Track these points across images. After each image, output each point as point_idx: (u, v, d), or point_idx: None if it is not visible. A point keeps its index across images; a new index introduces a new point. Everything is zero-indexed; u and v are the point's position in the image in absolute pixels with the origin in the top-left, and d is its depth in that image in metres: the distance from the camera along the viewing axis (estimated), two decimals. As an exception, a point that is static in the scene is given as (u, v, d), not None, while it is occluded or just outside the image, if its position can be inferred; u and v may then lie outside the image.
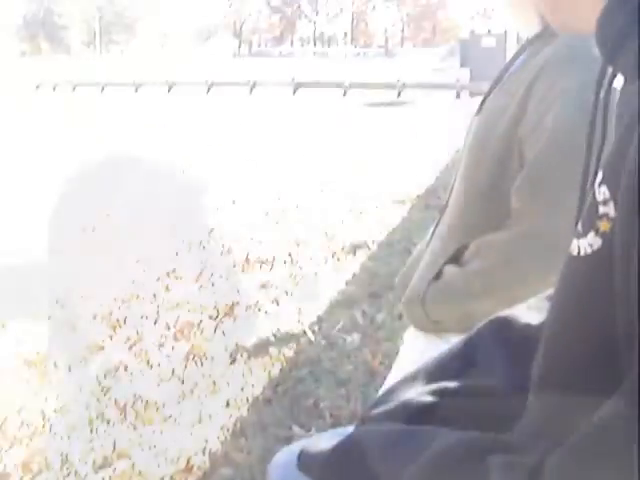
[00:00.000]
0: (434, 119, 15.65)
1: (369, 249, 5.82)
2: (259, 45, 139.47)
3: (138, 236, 6.30)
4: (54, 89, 29.68)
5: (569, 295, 0.65)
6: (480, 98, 1.64)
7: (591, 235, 0.60)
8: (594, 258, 0.60)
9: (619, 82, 0.70)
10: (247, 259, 5.60)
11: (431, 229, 1.75)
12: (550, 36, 1.45)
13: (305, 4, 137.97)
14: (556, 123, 1.35)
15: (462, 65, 37.33)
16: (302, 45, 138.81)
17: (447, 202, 1.68)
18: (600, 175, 0.60)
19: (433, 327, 1.57)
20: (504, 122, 1.45)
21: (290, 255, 5.65)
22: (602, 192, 0.58)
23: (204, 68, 42.40)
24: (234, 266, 5.45)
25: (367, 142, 12.27)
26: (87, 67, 41.97)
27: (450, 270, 1.52)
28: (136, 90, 27.53)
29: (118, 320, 4.47)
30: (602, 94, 0.79)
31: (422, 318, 1.58)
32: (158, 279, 5.19)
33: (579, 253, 0.62)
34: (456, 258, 1.54)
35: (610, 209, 0.57)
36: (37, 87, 29.64)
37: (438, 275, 1.54)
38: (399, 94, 23.31)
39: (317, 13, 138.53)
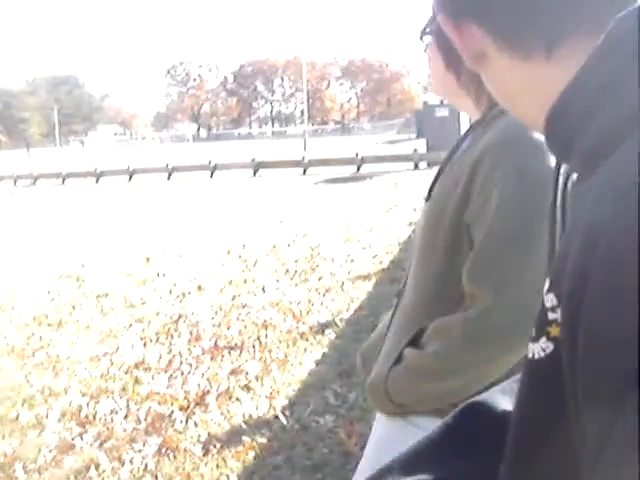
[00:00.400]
0: (393, 191, 15.86)
1: (337, 327, 5.83)
2: (217, 128, 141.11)
3: (105, 327, 6.27)
4: (15, 183, 29.70)
5: (528, 397, 0.65)
6: (437, 168, 1.69)
7: (543, 340, 0.60)
8: (548, 362, 0.60)
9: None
10: (216, 345, 5.58)
11: (389, 313, 1.78)
12: (491, 120, 1.51)
13: (260, 85, 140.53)
14: (499, 205, 1.39)
15: (418, 136, 38.18)
16: (260, 126, 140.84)
17: (404, 286, 1.72)
18: (547, 282, 0.60)
19: (398, 411, 1.59)
20: (451, 208, 1.49)
21: (258, 339, 5.64)
22: (550, 299, 0.59)
23: (164, 153, 42.77)
24: (203, 354, 5.42)
25: (327, 218, 12.38)
26: (47, 159, 42.08)
27: (410, 353, 1.54)
28: (97, 180, 27.58)
29: (87, 417, 4.41)
30: (559, 189, 0.81)
31: (386, 403, 1.59)
32: (127, 371, 5.14)
33: (534, 357, 0.62)
34: (416, 341, 1.55)
35: (558, 315, 0.57)
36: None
37: (399, 359, 1.56)
38: (358, 168, 23.64)
39: (273, 93, 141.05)
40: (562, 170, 0.78)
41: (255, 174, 25.29)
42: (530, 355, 0.62)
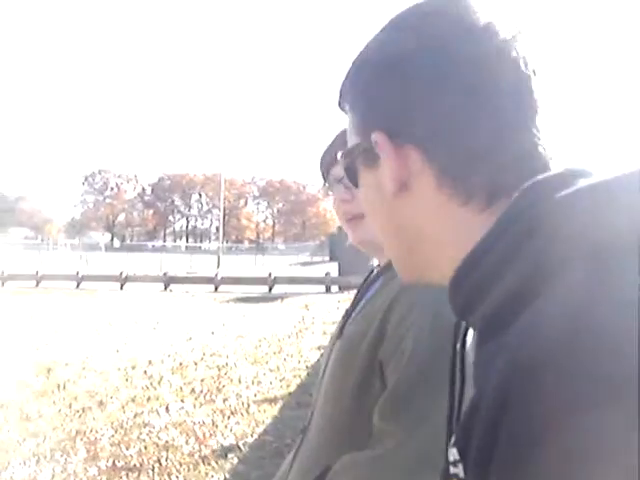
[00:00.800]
0: (304, 313, 15.94)
1: (241, 451, 5.73)
2: (131, 239, 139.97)
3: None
4: None
5: None
6: (348, 292, 1.73)
7: None
8: None
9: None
10: (114, 465, 5.38)
11: (292, 452, 1.77)
12: None
13: (178, 199, 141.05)
14: (415, 345, 1.40)
15: (331, 259, 38.72)
16: (175, 239, 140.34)
17: (309, 423, 1.73)
18: (453, 437, 0.61)
19: None
20: (365, 346, 1.50)
21: (159, 461, 5.48)
22: (453, 453, 0.59)
23: (75, 261, 41.99)
24: (99, 474, 5.21)
25: (236, 337, 12.30)
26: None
27: None
28: (2, 284, 26.78)
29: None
30: (459, 346, 0.85)
31: None
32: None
33: None
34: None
35: (460, 470, 0.58)
36: None
37: None
38: (270, 289, 23.71)
39: (190, 208, 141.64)
40: (461, 329, 0.81)
41: (166, 288, 25.04)
42: None
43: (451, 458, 0.60)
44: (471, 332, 0.80)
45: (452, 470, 0.60)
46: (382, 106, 0.75)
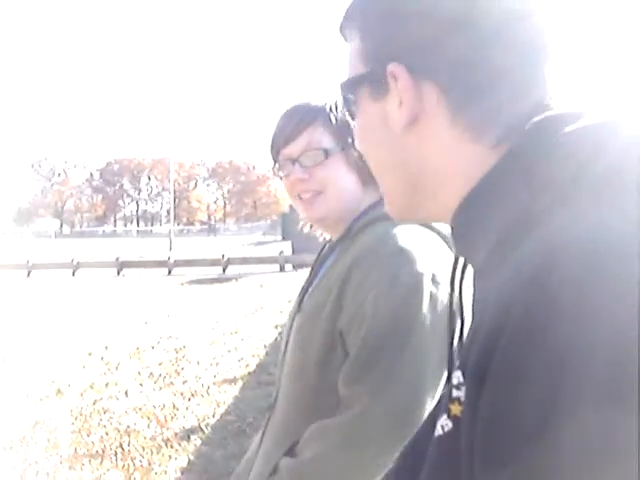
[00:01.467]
0: (259, 293, 15.94)
1: (203, 433, 5.73)
2: (81, 225, 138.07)
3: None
4: None
5: (428, 474, 0.65)
6: (302, 270, 1.74)
7: (444, 417, 0.62)
8: (445, 440, 0.61)
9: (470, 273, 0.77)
10: (75, 453, 5.35)
11: (260, 431, 1.78)
12: (355, 235, 1.59)
13: (127, 183, 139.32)
14: (374, 310, 1.42)
15: (284, 238, 38.69)
16: (125, 224, 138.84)
17: (275, 401, 1.73)
18: (458, 360, 0.62)
19: None
20: (324, 318, 1.52)
21: (121, 446, 5.46)
22: (457, 376, 0.60)
23: (25, 250, 41.29)
24: (61, 462, 5.18)
25: (192, 320, 12.26)
26: None
27: (285, 462, 1.50)
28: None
29: None
30: (457, 283, 0.84)
31: None
32: (-23, 483, 4.84)
33: (435, 434, 0.63)
34: (291, 453, 1.52)
35: (462, 393, 0.59)
36: None
37: (274, 471, 1.53)
38: (224, 270, 23.63)
39: (139, 192, 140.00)
40: (458, 266, 0.82)
41: (119, 273, 24.77)
42: (435, 432, 0.63)
43: (455, 381, 0.61)
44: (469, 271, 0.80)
45: (455, 393, 0.61)
46: (404, 38, 0.74)
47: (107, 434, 5.79)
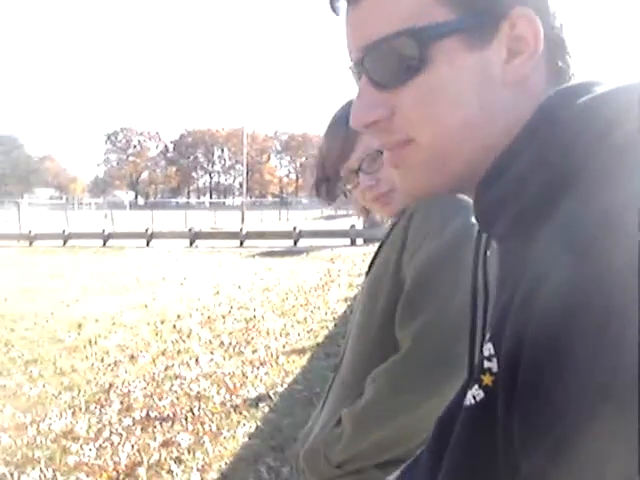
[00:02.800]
0: (329, 266, 16.01)
1: (271, 400, 5.82)
2: (155, 196, 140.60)
3: (32, 395, 6.12)
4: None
5: (457, 444, 0.66)
6: (373, 245, 1.77)
7: (475, 387, 0.63)
8: (476, 410, 0.63)
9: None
10: (147, 416, 5.50)
11: (328, 384, 1.82)
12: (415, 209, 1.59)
13: (201, 156, 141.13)
14: (426, 253, 1.47)
15: (355, 213, 38.56)
16: (198, 196, 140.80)
17: (341, 360, 1.77)
18: (488, 333, 0.62)
19: (338, 473, 1.57)
20: (390, 272, 1.57)
21: (191, 411, 5.59)
22: (488, 348, 0.61)
23: (100, 219, 42.32)
24: (134, 424, 5.34)
25: (263, 291, 12.41)
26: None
27: (345, 411, 1.56)
28: (30, 243, 27.11)
29: (12, 487, 4.29)
30: (481, 253, 0.83)
31: (325, 468, 1.59)
32: (54, 441, 5.02)
33: (466, 403, 0.64)
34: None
35: (494, 365, 0.59)
36: None
37: (338, 423, 1.58)
38: (295, 242, 23.78)
39: (213, 164, 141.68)
40: (483, 237, 0.82)
41: (192, 244, 25.21)
42: (465, 402, 0.65)
43: (486, 353, 0.61)
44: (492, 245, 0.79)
45: (486, 364, 0.61)
46: None
47: (178, 399, 5.93)
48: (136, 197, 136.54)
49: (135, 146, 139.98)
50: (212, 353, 7.65)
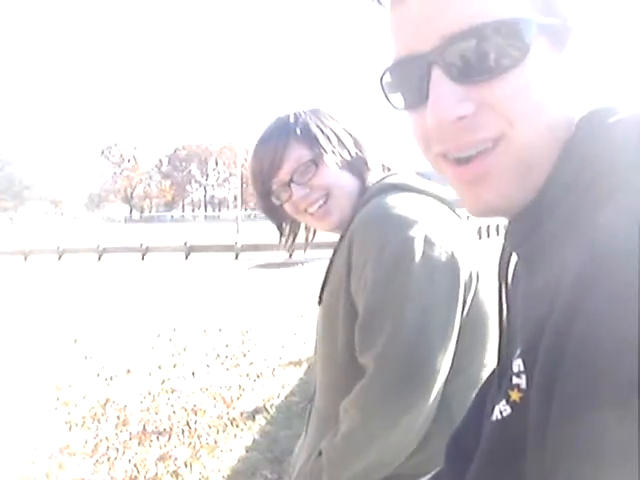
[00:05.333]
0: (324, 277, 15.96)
1: (268, 413, 5.80)
2: (150, 210, 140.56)
3: (28, 410, 6.10)
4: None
5: (482, 458, 0.67)
6: None
7: (502, 402, 0.63)
8: (503, 425, 0.63)
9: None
10: (144, 430, 5.48)
11: (305, 420, 1.81)
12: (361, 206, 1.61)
13: (195, 169, 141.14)
14: (371, 278, 1.43)
15: (350, 224, 38.63)
16: (193, 209, 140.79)
17: (314, 392, 1.75)
18: (519, 349, 0.62)
19: None
20: (342, 298, 1.55)
21: (188, 424, 5.57)
22: (517, 364, 0.61)
23: (95, 234, 42.28)
24: (130, 438, 5.31)
25: (258, 303, 12.39)
26: (-28, 236, 41.09)
27: (325, 445, 1.53)
28: (25, 259, 27.05)
29: (8, 505, 4.26)
30: (503, 272, 0.82)
31: None
32: (50, 457, 5.00)
33: (492, 418, 0.65)
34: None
35: (522, 381, 0.60)
36: None
37: (320, 455, 1.55)
38: (290, 255, 23.71)
39: (207, 177, 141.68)
40: (504, 255, 0.81)
41: (187, 258, 25.19)
42: (492, 417, 0.65)
43: (515, 369, 0.61)
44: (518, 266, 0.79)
45: (515, 380, 0.61)
46: None
47: (175, 413, 5.91)
48: (131, 211, 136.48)
49: (129, 160, 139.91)
50: (208, 366, 7.63)
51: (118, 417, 5.85)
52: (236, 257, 24.45)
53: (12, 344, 9.21)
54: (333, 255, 1.67)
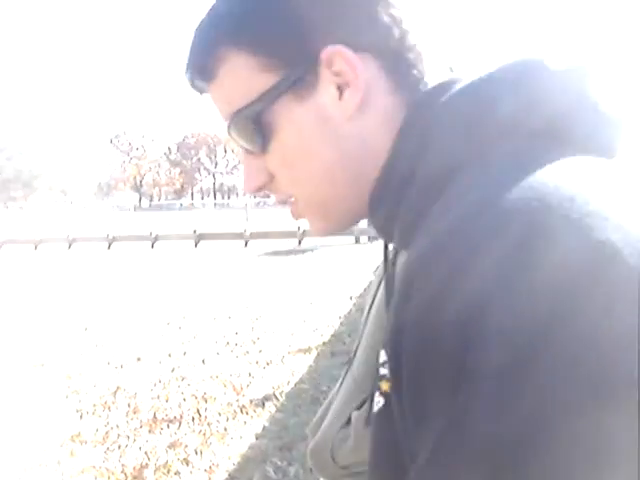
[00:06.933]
0: (334, 265, 15.99)
1: (278, 400, 5.82)
2: (159, 198, 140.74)
3: (39, 398, 6.13)
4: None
5: (371, 449, 0.67)
6: (378, 242, 1.74)
7: (377, 394, 0.64)
8: (379, 416, 0.64)
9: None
10: (154, 418, 5.51)
11: (339, 380, 1.80)
12: None
13: (204, 157, 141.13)
14: None
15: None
16: (202, 197, 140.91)
17: (354, 355, 1.74)
18: (384, 340, 0.62)
19: (343, 473, 1.59)
20: None
21: (198, 412, 5.59)
22: (382, 355, 0.62)
23: (105, 223, 42.40)
24: (141, 426, 5.34)
25: (268, 290, 12.41)
26: (-17, 226, 41.27)
27: (355, 414, 1.56)
28: (35, 248, 27.16)
29: (20, 492, 4.29)
30: (389, 264, 0.87)
31: (330, 466, 1.59)
32: (62, 444, 5.03)
33: (373, 412, 0.66)
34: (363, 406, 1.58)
35: (387, 370, 0.60)
36: None
37: (348, 422, 1.58)
38: (300, 242, 23.77)
39: (216, 165, 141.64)
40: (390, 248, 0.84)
41: (196, 245, 25.23)
42: (372, 411, 0.66)
43: (381, 359, 0.63)
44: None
45: (382, 371, 0.62)
46: (327, 20, 0.69)
47: (185, 400, 5.94)
48: (140, 199, 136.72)
49: (138, 149, 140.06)
50: (218, 354, 7.65)
51: (128, 405, 5.87)
52: (245, 245, 24.45)
53: (23, 333, 9.26)
54: None
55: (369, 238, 22.50)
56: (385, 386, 0.62)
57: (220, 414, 5.53)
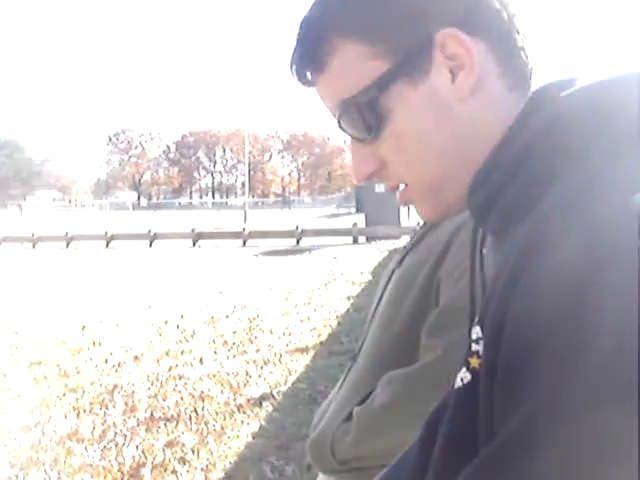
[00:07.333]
0: (332, 265, 16.00)
1: (275, 400, 5.82)
2: (158, 197, 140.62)
3: (37, 396, 6.13)
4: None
5: (447, 426, 0.67)
6: (375, 243, 1.74)
7: (463, 370, 0.64)
8: (464, 391, 0.64)
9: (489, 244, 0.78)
10: (151, 417, 5.51)
11: (342, 376, 1.80)
12: None
13: (202, 156, 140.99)
14: None
15: (358, 211, 38.65)
16: (201, 196, 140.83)
17: (359, 350, 1.75)
18: (477, 317, 0.63)
19: (341, 468, 1.57)
20: (424, 274, 1.54)
21: (195, 410, 5.60)
22: (476, 331, 0.62)
23: (103, 221, 42.36)
24: (138, 425, 5.34)
25: (266, 290, 12.41)
26: (-19, 223, 41.22)
27: (357, 409, 1.54)
28: (34, 245, 27.14)
29: (17, 490, 4.29)
30: (478, 252, 0.84)
31: (329, 460, 1.57)
32: (59, 442, 5.03)
33: (455, 386, 0.66)
34: (365, 401, 1.55)
35: (481, 347, 0.60)
36: None
37: (349, 417, 1.56)
38: (298, 241, 23.78)
39: (215, 164, 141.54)
40: (479, 234, 0.83)
41: (195, 244, 25.23)
42: (454, 385, 0.66)
43: (474, 336, 0.62)
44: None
45: (474, 347, 0.62)
46: (438, 4, 0.72)
47: (182, 399, 5.94)
48: (139, 198, 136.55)
49: (137, 147, 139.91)
50: (216, 353, 7.66)
51: (126, 403, 5.88)
52: (243, 244, 24.45)
53: (21, 330, 9.27)
54: (427, 229, 1.66)
55: (367, 238, 22.53)
56: (475, 362, 0.62)
57: (217, 413, 5.53)
